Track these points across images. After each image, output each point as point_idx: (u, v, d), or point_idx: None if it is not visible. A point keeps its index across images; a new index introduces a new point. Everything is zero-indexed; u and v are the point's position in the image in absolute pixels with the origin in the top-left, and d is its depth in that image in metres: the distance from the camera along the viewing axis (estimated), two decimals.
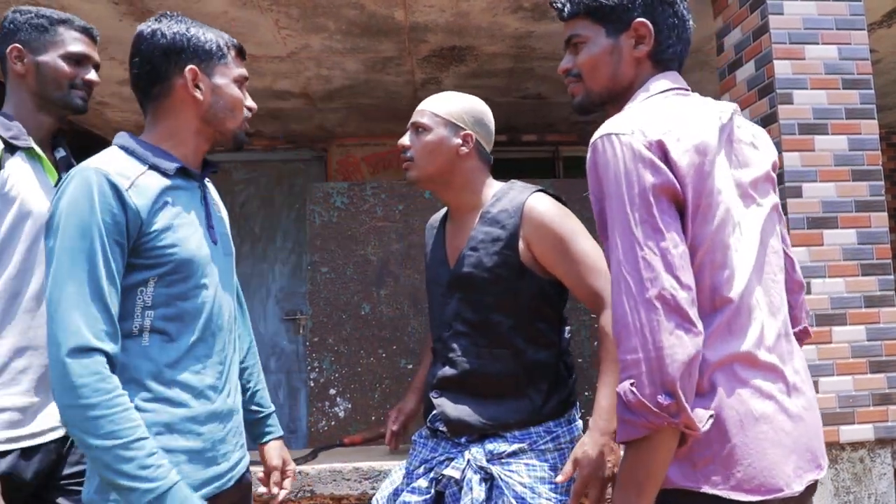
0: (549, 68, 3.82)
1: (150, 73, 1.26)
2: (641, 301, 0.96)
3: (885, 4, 3.19)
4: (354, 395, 3.33)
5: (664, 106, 1.09)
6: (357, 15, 3.08)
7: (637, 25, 1.16)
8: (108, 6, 2.90)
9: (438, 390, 1.54)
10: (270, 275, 4.93)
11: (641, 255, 0.97)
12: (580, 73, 1.23)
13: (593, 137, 1.08)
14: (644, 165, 1.00)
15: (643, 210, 0.99)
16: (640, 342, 0.96)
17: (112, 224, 1.13)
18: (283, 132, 4.95)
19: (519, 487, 1.40)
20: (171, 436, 1.18)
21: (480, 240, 1.52)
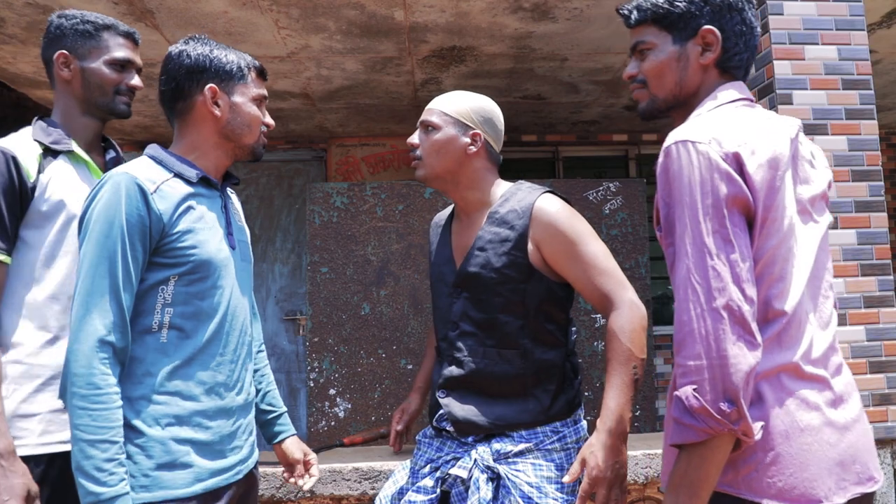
0: (548, 69, 3.82)
1: (175, 91, 1.37)
2: (709, 310, 0.99)
3: (884, 5, 3.19)
4: (354, 395, 3.33)
5: (736, 117, 1.10)
6: (357, 15, 3.07)
7: (704, 33, 1.17)
8: (107, 6, 2.90)
9: (445, 390, 1.54)
10: (270, 275, 4.93)
11: (711, 265, 1.00)
12: (645, 80, 1.24)
13: (666, 142, 1.08)
14: (720, 176, 1.02)
15: (716, 221, 1.01)
16: (704, 349, 0.98)
17: (137, 224, 1.23)
18: (283, 132, 4.95)
19: (526, 487, 1.40)
20: (180, 427, 1.26)
21: (488, 240, 1.52)
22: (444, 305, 1.59)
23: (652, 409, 3.47)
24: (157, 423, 1.24)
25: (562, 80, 4.03)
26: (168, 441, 1.24)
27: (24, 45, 3.26)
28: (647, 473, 2.09)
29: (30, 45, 3.27)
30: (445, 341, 1.57)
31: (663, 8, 1.19)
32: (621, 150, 5.24)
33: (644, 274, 3.55)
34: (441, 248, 1.65)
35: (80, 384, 1.16)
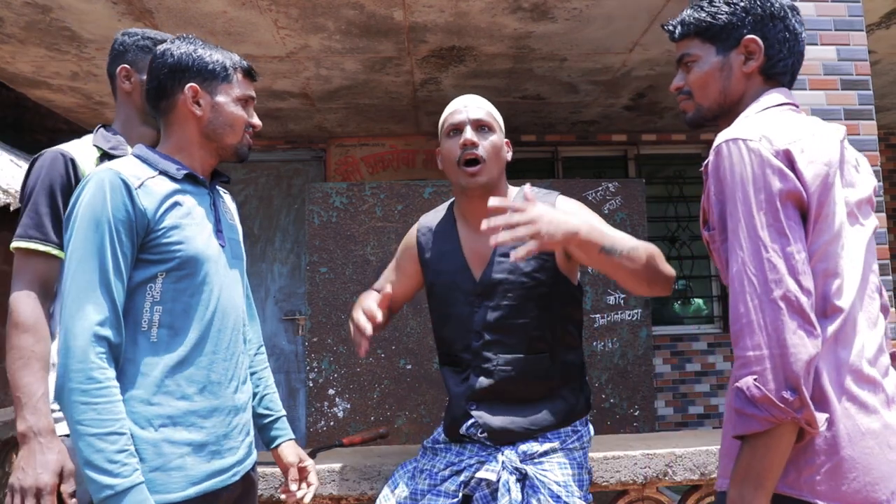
0: (548, 69, 3.82)
1: (158, 90, 1.37)
2: (766, 301, 1.00)
3: (883, 5, 3.19)
4: (353, 395, 3.33)
5: (784, 118, 1.13)
6: (356, 15, 3.07)
7: (747, 42, 1.20)
8: (106, 6, 2.90)
9: (474, 402, 1.51)
10: (269, 275, 4.93)
11: (767, 258, 1.02)
12: (691, 91, 1.27)
13: (716, 141, 1.11)
14: (772, 171, 1.04)
15: (770, 214, 1.03)
16: (764, 340, 1.00)
17: (123, 219, 1.22)
18: (282, 132, 4.95)
19: (555, 486, 1.42)
20: (174, 428, 1.24)
21: (514, 245, 1.46)
22: (463, 314, 1.54)
23: (651, 409, 3.47)
24: (150, 424, 1.22)
25: (561, 81, 4.03)
26: (161, 443, 1.22)
27: (22, 44, 3.26)
28: (647, 474, 2.09)
29: (28, 45, 3.26)
30: (468, 352, 1.53)
31: (706, 21, 1.23)
32: (620, 151, 5.25)
33: None
34: (450, 255, 1.59)
35: (79, 379, 1.14)
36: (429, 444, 1.62)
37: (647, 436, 2.52)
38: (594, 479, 2.09)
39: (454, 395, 1.56)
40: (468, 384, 1.53)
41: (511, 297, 1.49)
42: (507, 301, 1.49)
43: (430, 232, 1.66)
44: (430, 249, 1.63)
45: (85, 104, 4.17)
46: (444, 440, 1.58)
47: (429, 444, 1.62)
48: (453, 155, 1.50)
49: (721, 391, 5.03)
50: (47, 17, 2.98)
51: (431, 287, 1.62)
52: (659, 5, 3.05)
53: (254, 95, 1.45)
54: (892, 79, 4.19)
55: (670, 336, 5.03)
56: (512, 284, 1.49)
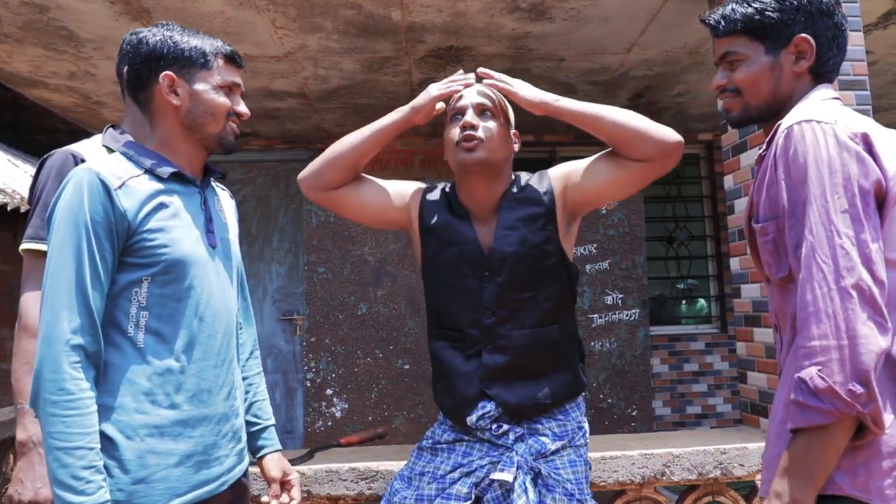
0: (546, 69, 3.82)
1: (135, 80, 1.30)
2: (837, 289, 0.96)
3: (880, 6, 3.20)
4: (351, 395, 3.33)
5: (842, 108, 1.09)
6: (354, 15, 3.07)
7: (798, 41, 1.15)
8: (104, 5, 2.89)
9: (489, 381, 1.48)
10: (267, 275, 4.93)
11: (839, 244, 0.97)
12: (738, 89, 1.21)
13: (785, 124, 1.07)
14: (850, 154, 1.00)
15: (845, 199, 0.98)
16: (832, 329, 0.95)
17: (102, 222, 1.16)
18: (279, 132, 4.95)
19: (568, 485, 1.44)
20: (160, 439, 1.19)
21: (518, 218, 1.50)
22: (471, 288, 1.50)
23: (649, 409, 3.47)
24: (135, 434, 1.16)
25: (559, 80, 4.03)
26: (146, 454, 1.16)
27: (20, 44, 3.25)
28: (644, 474, 2.09)
29: (26, 45, 3.26)
30: (477, 328, 1.49)
31: (755, 18, 1.16)
32: None
33: (641, 274, 3.56)
34: (459, 226, 1.54)
35: (50, 390, 1.09)
36: (427, 444, 1.57)
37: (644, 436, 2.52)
38: (592, 480, 2.09)
39: (462, 375, 1.50)
40: (480, 363, 1.49)
41: (521, 271, 1.48)
42: (517, 276, 1.48)
43: (438, 199, 1.59)
44: (437, 216, 1.56)
45: (83, 104, 4.16)
46: (446, 440, 1.54)
47: (427, 444, 1.57)
48: (452, 137, 1.50)
49: (718, 391, 5.03)
50: (45, 16, 2.97)
51: (435, 258, 1.55)
52: (657, 6, 3.05)
53: (238, 82, 1.36)
54: (889, 79, 4.19)
55: (668, 336, 5.04)
56: (522, 258, 1.48)
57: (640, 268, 3.56)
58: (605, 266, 3.55)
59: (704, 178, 5.26)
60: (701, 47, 3.53)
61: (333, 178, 1.56)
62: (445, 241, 1.54)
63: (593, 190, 1.53)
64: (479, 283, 1.50)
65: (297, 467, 2.06)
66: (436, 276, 1.56)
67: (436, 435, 1.57)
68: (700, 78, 4.02)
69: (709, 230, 5.23)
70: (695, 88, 4.23)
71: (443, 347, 1.54)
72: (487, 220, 1.54)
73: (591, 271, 3.54)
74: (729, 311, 5.04)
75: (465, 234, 1.53)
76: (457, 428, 1.54)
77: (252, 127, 4.76)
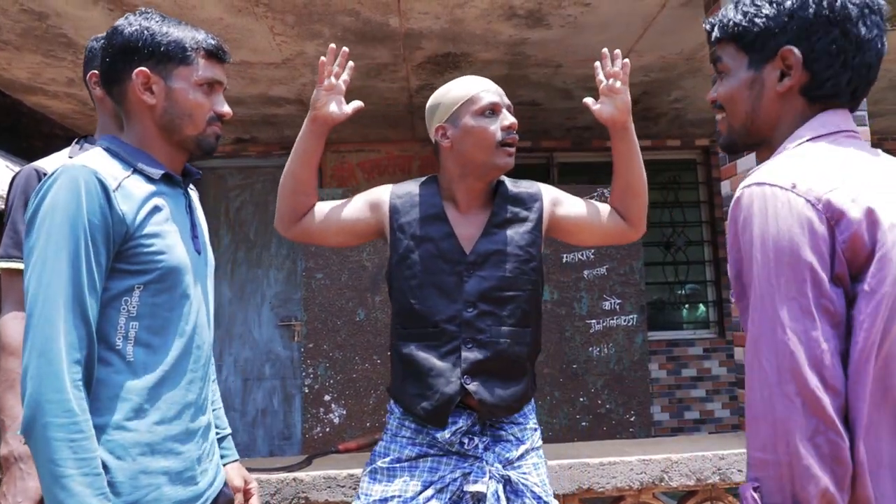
0: (543, 75, 3.83)
1: (108, 74, 1.21)
2: (778, 394, 0.80)
3: None
4: (349, 401, 3.32)
5: (830, 154, 0.89)
6: (352, 22, 3.08)
7: (784, 54, 0.95)
8: (102, 12, 2.90)
9: (469, 376, 1.46)
10: (265, 281, 4.92)
11: (784, 340, 0.80)
12: (723, 106, 1.05)
13: (740, 186, 0.90)
14: (802, 229, 0.81)
15: (794, 286, 0.81)
16: (772, 440, 0.80)
17: (100, 224, 1.07)
18: (278, 138, 4.95)
19: (536, 488, 1.45)
20: (152, 457, 1.11)
21: (506, 218, 1.54)
22: (448, 284, 1.49)
23: (647, 414, 3.47)
24: (127, 454, 1.08)
25: (556, 87, 4.04)
26: (138, 475, 1.09)
27: (18, 51, 3.26)
28: (643, 479, 2.09)
29: (24, 52, 3.26)
30: (455, 323, 1.47)
31: (741, 25, 0.99)
32: None
33: (639, 279, 3.56)
34: (434, 222, 1.53)
35: (54, 412, 0.99)
36: (383, 466, 1.47)
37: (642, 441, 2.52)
38: (590, 486, 2.09)
39: (440, 373, 1.45)
40: (458, 357, 1.46)
41: (505, 269, 1.49)
42: (502, 272, 1.49)
43: (409, 196, 1.57)
44: (408, 213, 1.54)
45: (81, 110, 4.17)
46: (408, 456, 1.47)
47: (383, 466, 1.47)
48: (491, 135, 1.49)
49: (717, 396, 5.03)
50: (44, 23, 2.98)
51: (407, 254, 1.51)
52: (653, 13, 3.07)
53: (221, 79, 1.26)
54: (884, 84, 4.21)
55: (666, 341, 5.04)
56: (507, 256, 1.50)
57: (637, 273, 3.57)
58: (602, 271, 3.55)
59: (702, 183, 5.27)
60: (697, 53, 3.54)
61: (289, 207, 1.56)
62: (419, 238, 1.52)
63: (572, 221, 1.60)
64: (456, 278, 1.49)
65: (294, 474, 2.06)
66: (408, 274, 1.51)
67: (392, 452, 1.49)
68: (697, 84, 4.03)
69: (706, 235, 5.24)
70: (692, 94, 4.24)
71: (415, 349, 1.48)
72: (474, 214, 1.55)
73: (588, 277, 3.54)
74: (727, 317, 5.04)
75: (441, 231, 1.52)
76: (419, 440, 1.48)
77: (250, 133, 4.77)
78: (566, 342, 3.45)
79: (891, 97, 4.45)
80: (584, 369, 3.44)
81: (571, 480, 2.08)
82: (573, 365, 3.45)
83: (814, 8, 0.93)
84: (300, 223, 1.57)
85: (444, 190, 1.57)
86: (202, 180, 5.09)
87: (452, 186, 1.55)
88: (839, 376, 0.79)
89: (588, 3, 2.95)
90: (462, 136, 1.51)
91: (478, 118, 1.50)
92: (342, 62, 1.54)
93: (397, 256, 1.53)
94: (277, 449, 4.81)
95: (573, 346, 3.45)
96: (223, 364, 4.85)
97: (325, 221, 1.57)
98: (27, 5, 2.80)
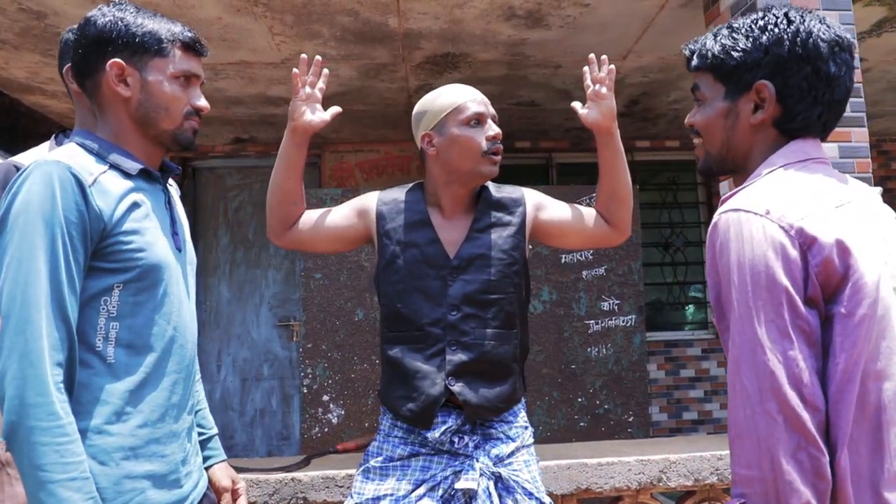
0: (542, 76, 3.84)
1: (81, 66, 1.17)
2: (760, 412, 0.83)
3: (874, 14, 3.22)
4: (348, 401, 3.32)
5: (802, 181, 0.94)
6: (351, 22, 3.08)
7: (759, 87, 0.99)
8: None
9: (454, 377, 1.48)
10: (264, 281, 4.92)
11: (764, 360, 0.84)
12: (700, 133, 1.11)
13: (717, 212, 0.94)
14: (776, 254, 0.85)
15: (770, 308, 0.84)
16: (756, 458, 0.83)
17: (76, 222, 1.04)
18: (276, 138, 4.95)
19: (527, 484, 1.46)
20: (136, 461, 1.09)
21: (490, 223, 1.56)
22: (433, 288, 1.52)
23: (645, 415, 3.47)
24: (110, 458, 1.06)
25: (555, 87, 4.04)
26: (122, 480, 1.07)
27: (17, 50, 3.25)
28: (641, 480, 2.09)
29: (23, 51, 3.26)
30: (439, 326, 1.50)
31: (718, 58, 1.03)
32: None
33: (637, 280, 3.56)
34: (419, 228, 1.56)
35: (38, 416, 0.96)
36: (375, 465, 1.50)
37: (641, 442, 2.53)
38: (588, 486, 2.09)
39: (425, 375, 1.48)
40: (443, 359, 1.48)
41: (489, 273, 1.52)
42: (485, 276, 1.52)
43: (395, 202, 1.60)
44: (393, 220, 1.58)
45: None
46: (400, 455, 1.49)
47: (375, 465, 1.50)
48: (477, 144, 1.52)
49: (715, 396, 5.04)
50: (42, 23, 2.98)
51: (393, 259, 1.54)
52: (652, 14, 3.07)
53: (198, 73, 1.23)
54: (882, 86, 4.22)
55: (664, 342, 5.04)
56: (490, 260, 1.52)
57: (636, 274, 3.57)
58: (601, 272, 3.55)
59: (700, 184, 5.28)
60: None
61: (278, 217, 1.58)
62: (404, 244, 1.55)
63: (556, 225, 1.62)
64: (441, 282, 1.52)
65: (293, 474, 2.06)
66: (394, 279, 1.54)
67: (385, 451, 1.51)
68: None
69: (704, 236, 5.24)
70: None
71: (402, 351, 1.51)
72: (458, 219, 1.58)
73: (587, 277, 3.55)
74: None
75: (426, 236, 1.55)
76: (411, 440, 1.50)
77: (249, 133, 4.76)
78: (565, 342, 3.45)
79: (889, 98, 4.45)
80: (582, 370, 3.44)
81: (570, 480, 2.08)
82: (571, 365, 3.45)
83: (788, 45, 0.97)
84: (290, 232, 1.60)
85: (429, 196, 1.60)
86: (200, 180, 5.09)
87: (438, 192, 1.58)
88: (818, 394, 0.83)
89: (587, 3, 2.95)
90: (448, 145, 1.53)
91: (463, 128, 1.52)
92: (316, 71, 1.57)
93: (384, 261, 1.56)
94: (276, 449, 4.81)
95: (571, 347, 3.45)
96: (221, 364, 4.85)
97: (315, 229, 1.60)
98: (25, 4, 2.80)
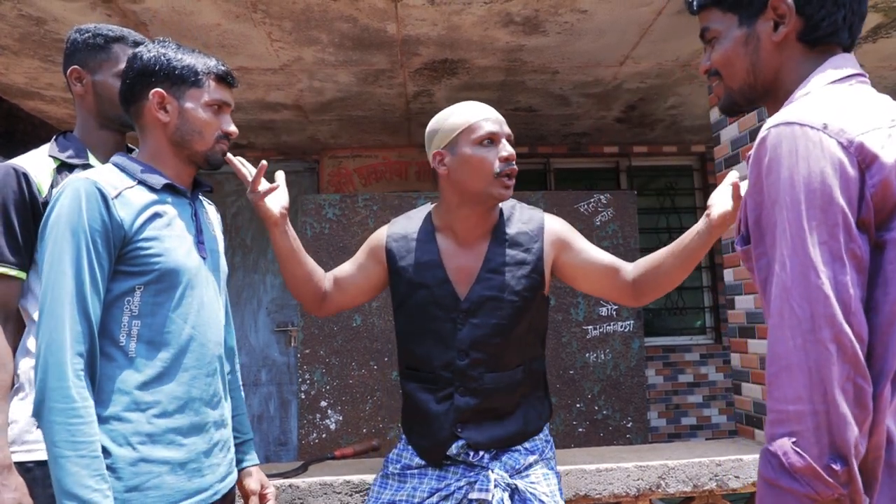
0: (540, 81, 3.85)
1: (127, 94, 1.35)
2: (812, 341, 0.77)
3: (870, 20, 3.24)
4: (346, 407, 3.32)
5: (857, 97, 0.87)
6: (350, 28, 3.09)
7: (774, 3, 0.95)
8: (101, 18, 2.90)
9: (461, 424, 1.48)
10: (262, 286, 4.92)
11: (818, 285, 0.77)
12: (718, 72, 1.04)
13: (765, 125, 0.86)
14: (835, 171, 0.79)
15: (825, 229, 0.78)
16: (807, 391, 0.77)
17: (99, 230, 1.20)
18: (275, 144, 4.95)
19: (545, 497, 1.45)
20: (153, 446, 1.21)
21: (503, 262, 1.49)
22: (443, 331, 1.49)
23: (644, 420, 3.47)
24: (127, 442, 1.19)
25: (553, 93, 4.05)
26: (139, 462, 1.19)
27: (16, 56, 3.26)
28: (640, 486, 2.09)
29: (22, 57, 3.26)
30: (450, 370, 1.49)
31: None
32: (612, 163, 5.28)
33: None
34: (429, 268, 1.52)
35: (55, 398, 1.11)
36: (393, 471, 1.54)
37: (639, 447, 2.52)
38: (587, 492, 2.09)
39: (434, 416, 1.49)
40: (452, 404, 1.48)
41: (499, 316, 1.47)
42: (496, 319, 1.47)
43: (405, 240, 1.56)
44: (403, 258, 1.54)
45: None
46: (417, 464, 1.52)
47: (393, 471, 1.54)
48: (489, 165, 1.44)
49: (713, 402, 5.03)
50: (41, 28, 2.98)
51: (404, 300, 1.54)
52: (649, 20, 3.08)
53: (229, 101, 1.40)
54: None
55: (663, 347, 5.05)
56: (501, 302, 1.47)
57: None
58: None
59: (697, 189, 5.29)
60: (693, 60, 3.56)
61: (308, 298, 1.58)
62: (415, 284, 1.52)
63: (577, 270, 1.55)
64: (451, 325, 1.49)
65: (290, 480, 2.05)
66: (407, 319, 1.54)
67: (403, 459, 1.54)
68: (693, 90, 4.05)
69: None
70: (688, 100, 4.26)
71: (415, 389, 1.53)
72: (471, 245, 1.52)
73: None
74: (723, 322, 5.05)
75: (436, 277, 1.51)
76: None
77: (247, 139, 4.77)
78: (563, 348, 3.45)
79: None
80: (580, 375, 3.44)
81: (568, 487, 2.08)
82: (570, 371, 3.45)
83: None
84: (326, 305, 1.61)
85: (441, 219, 1.55)
86: None
87: (451, 215, 1.53)
88: (864, 323, 0.78)
89: (584, 10, 2.96)
90: (459, 165, 1.47)
91: (475, 147, 1.46)
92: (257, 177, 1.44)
93: (396, 301, 1.57)
94: (273, 455, 4.80)
95: (570, 352, 3.45)
96: None
97: (344, 293, 1.61)
98: (25, 10, 2.80)
